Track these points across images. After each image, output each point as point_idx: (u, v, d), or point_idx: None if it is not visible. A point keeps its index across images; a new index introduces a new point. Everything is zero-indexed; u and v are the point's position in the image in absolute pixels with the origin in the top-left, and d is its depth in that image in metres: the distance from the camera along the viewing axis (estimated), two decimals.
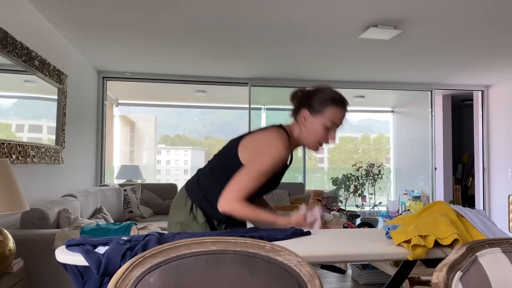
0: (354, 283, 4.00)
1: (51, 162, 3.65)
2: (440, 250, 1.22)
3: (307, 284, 0.84)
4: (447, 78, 6.04)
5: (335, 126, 1.63)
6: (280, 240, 1.34)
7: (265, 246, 0.86)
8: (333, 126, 1.62)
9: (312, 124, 1.63)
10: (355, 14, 3.46)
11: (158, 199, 5.51)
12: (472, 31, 3.86)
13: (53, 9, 3.35)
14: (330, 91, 1.65)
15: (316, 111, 1.62)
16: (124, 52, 4.64)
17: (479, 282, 0.93)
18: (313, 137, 1.63)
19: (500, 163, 6.31)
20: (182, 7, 3.31)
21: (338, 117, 1.62)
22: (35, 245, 2.61)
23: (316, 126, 1.62)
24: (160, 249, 0.83)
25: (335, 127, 1.64)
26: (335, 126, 1.63)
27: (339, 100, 1.64)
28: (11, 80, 3.00)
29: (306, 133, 1.64)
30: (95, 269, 1.06)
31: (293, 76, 5.81)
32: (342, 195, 7.55)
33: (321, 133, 1.62)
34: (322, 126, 1.61)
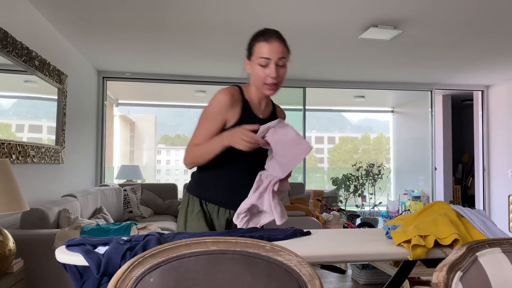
0: (354, 283, 4.00)
1: (51, 162, 3.65)
2: (440, 250, 1.22)
3: (307, 284, 0.84)
4: (447, 78, 6.04)
5: (268, 61, 1.55)
6: (280, 240, 1.34)
7: (265, 246, 0.86)
8: (265, 61, 1.55)
9: (252, 69, 1.60)
10: (355, 14, 3.46)
11: (158, 199, 5.51)
12: (472, 31, 3.86)
13: (53, 9, 3.35)
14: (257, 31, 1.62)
15: (250, 55, 1.61)
16: (124, 52, 4.65)
17: (479, 282, 0.93)
18: (257, 80, 1.59)
19: (500, 163, 6.31)
20: (182, 7, 3.31)
21: (265, 50, 1.55)
22: (35, 245, 2.61)
23: (254, 69, 1.59)
24: (160, 249, 0.83)
25: (269, 62, 1.55)
26: (268, 61, 1.55)
27: (262, 32, 1.60)
28: (11, 80, 3.00)
29: (252, 79, 1.62)
30: (95, 269, 1.06)
31: (293, 76, 5.81)
32: (342, 195, 7.55)
33: (259, 74, 1.57)
34: (257, 67, 1.57)
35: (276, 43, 1.56)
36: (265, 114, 1.69)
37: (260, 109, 1.68)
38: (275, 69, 1.55)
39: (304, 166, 6.49)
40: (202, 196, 1.64)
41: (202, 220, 1.60)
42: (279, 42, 1.57)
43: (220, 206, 1.64)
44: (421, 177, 7.25)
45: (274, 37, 1.57)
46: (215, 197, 1.63)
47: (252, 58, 1.60)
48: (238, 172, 1.63)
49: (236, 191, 1.61)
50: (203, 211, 1.63)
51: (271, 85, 1.58)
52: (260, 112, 1.67)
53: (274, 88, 1.60)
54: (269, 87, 1.58)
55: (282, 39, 1.60)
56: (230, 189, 1.63)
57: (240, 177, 1.63)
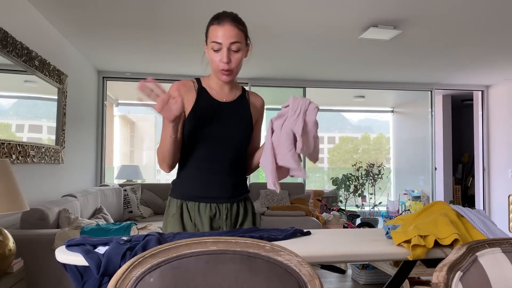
0: (354, 283, 4.00)
1: (51, 162, 3.65)
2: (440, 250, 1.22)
3: (307, 284, 0.84)
4: (447, 78, 6.04)
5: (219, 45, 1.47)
6: (280, 240, 1.34)
7: (265, 246, 0.86)
8: (217, 46, 1.47)
9: (208, 53, 1.53)
10: (355, 14, 3.46)
11: (158, 199, 5.51)
12: (472, 31, 3.86)
13: (53, 9, 3.35)
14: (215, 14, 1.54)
15: (206, 41, 1.54)
16: (124, 52, 4.65)
17: (479, 282, 0.93)
18: (212, 66, 1.53)
19: (500, 163, 6.31)
20: (182, 7, 3.31)
21: (216, 34, 1.47)
22: (35, 245, 2.61)
23: (209, 54, 1.52)
24: (160, 249, 0.83)
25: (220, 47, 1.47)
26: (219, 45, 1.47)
27: (216, 15, 1.52)
28: (11, 80, 3.01)
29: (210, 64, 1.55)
30: (95, 269, 1.06)
31: (293, 76, 5.81)
32: (342, 195, 7.56)
33: (213, 59, 1.51)
34: (210, 52, 1.50)
35: (229, 26, 1.48)
36: (230, 98, 1.62)
37: (222, 94, 1.61)
38: (227, 54, 1.47)
39: (304, 166, 6.49)
40: (180, 196, 1.60)
41: (178, 222, 1.56)
42: (232, 26, 1.48)
43: (200, 202, 1.56)
44: (421, 177, 7.25)
45: (228, 20, 1.49)
46: (192, 192, 1.57)
47: (208, 43, 1.52)
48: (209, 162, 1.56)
49: (211, 182, 1.56)
50: (181, 213, 1.57)
51: (224, 71, 1.50)
52: (223, 97, 1.60)
53: (228, 74, 1.51)
54: (223, 72, 1.50)
55: (236, 21, 1.51)
56: (205, 180, 1.56)
57: (212, 167, 1.56)
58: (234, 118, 1.59)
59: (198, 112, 1.54)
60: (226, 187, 1.57)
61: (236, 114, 1.60)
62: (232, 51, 1.48)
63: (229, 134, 1.56)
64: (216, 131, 1.55)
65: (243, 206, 1.62)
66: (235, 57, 1.49)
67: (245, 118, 1.62)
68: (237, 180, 1.61)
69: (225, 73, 1.50)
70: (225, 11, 1.54)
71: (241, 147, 1.61)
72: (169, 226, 1.58)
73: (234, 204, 1.59)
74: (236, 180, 1.60)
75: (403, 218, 1.55)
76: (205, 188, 1.56)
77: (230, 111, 1.60)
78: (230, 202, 1.58)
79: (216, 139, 1.54)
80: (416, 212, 1.53)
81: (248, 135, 1.62)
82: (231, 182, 1.58)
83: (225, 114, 1.58)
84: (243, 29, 1.52)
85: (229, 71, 1.50)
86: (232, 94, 1.63)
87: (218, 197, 1.56)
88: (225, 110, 1.58)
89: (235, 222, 1.59)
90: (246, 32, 1.55)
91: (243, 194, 1.63)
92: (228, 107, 1.60)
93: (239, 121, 1.60)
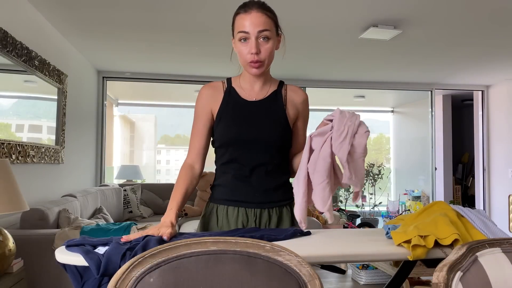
0: (354, 283, 4.00)
1: (51, 162, 3.65)
2: (440, 250, 1.22)
3: (307, 284, 0.84)
4: (447, 78, 6.04)
5: (247, 35, 1.37)
6: (280, 240, 1.34)
7: (265, 246, 0.86)
8: (245, 35, 1.38)
9: (235, 47, 1.44)
10: (355, 14, 3.46)
11: (158, 199, 5.51)
12: (472, 31, 3.86)
13: (53, 9, 3.35)
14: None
15: (233, 33, 1.44)
16: (124, 52, 4.64)
17: (479, 282, 0.93)
18: (240, 58, 1.42)
19: (500, 163, 6.31)
20: (182, 7, 3.31)
21: (243, 23, 1.37)
22: (35, 245, 2.61)
23: (237, 47, 1.42)
24: (160, 249, 0.83)
25: (248, 36, 1.37)
26: (247, 35, 1.37)
27: (240, 7, 1.41)
28: (11, 80, 3.00)
29: (238, 58, 1.45)
30: (95, 270, 1.06)
31: (293, 76, 5.81)
32: (342, 195, 7.55)
33: (241, 51, 1.40)
34: (238, 43, 1.40)
35: (256, 13, 1.36)
36: (261, 95, 1.50)
37: (252, 92, 1.50)
38: (255, 43, 1.36)
39: None
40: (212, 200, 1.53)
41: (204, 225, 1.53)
42: (260, 13, 1.37)
43: (228, 206, 1.48)
44: (421, 177, 7.25)
45: (255, 7, 1.37)
46: (221, 196, 1.50)
47: (235, 35, 1.42)
48: (238, 166, 1.47)
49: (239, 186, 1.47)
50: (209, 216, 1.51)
51: (254, 63, 1.39)
52: (253, 95, 1.50)
53: (259, 66, 1.40)
54: (252, 65, 1.39)
55: (264, 8, 1.39)
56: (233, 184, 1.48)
57: (240, 171, 1.47)
58: (264, 118, 1.47)
59: (225, 114, 1.47)
60: (256, 192, 1.47)
61: (267, 113, 1.48)
62: (261, 41, 1.38)
63: (259, 135, 1.45)
64: (244, 133, 1.45)
65: (277, 214, 1.49)
66: (265, 47, 1.38)
67: (278, 117, 1.49)
68: (271, 185, 1.48)
69: (255, 65, 1.39)
70: (245, 2, 1.42)
71: (275, 149, 1.48)
72: (198, 229, 1.56)
73: (265, 211, 1.48)
74: (269, 185, 1.48)
75: (403, 218, 1.55)
76: (233, 192, 1.47)
77: (260, 111, 1.48)
78: (260, 208, 1.47)
79: (244, 142, 1.45)
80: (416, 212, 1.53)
81: (282, 136, 1.48)
82: (262, 187, 1.47)
83: (254, 114, 1.47)
84: (272, 17, 1.41)
85: (259, 62, 1.39)
86: (264, 91, 1.51)
87: (245, 201, 1.47)
88: (254, 110, 1.48)
89: None
90: (276, 20, 1.44)
91: (278, 202, 1.50)
92: (258, 106, 1.49)
93: (270, 120, 1.47)
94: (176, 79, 5.83)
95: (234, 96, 1.50)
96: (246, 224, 1.47)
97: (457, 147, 8.10)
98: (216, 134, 1.50)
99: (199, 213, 5.17)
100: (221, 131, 1.48)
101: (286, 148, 1.53)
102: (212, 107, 1.50)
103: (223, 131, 1.48)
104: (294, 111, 1.53)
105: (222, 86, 1.53)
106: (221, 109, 1.48)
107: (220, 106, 1.49)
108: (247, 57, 1.39)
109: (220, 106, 1.49)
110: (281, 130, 1.48)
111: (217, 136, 1.50)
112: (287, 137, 1.50)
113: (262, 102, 1.50)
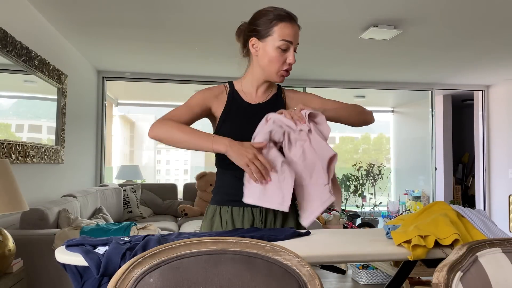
0: (354, 283, 4.00)
1: (50, 162, 3.64)
2: (440, 250, 1.22)
3: (307, 284, 0.84)
4: (447, 78, 6.04)
5: (289, 45, 1.43)
6: (280, 240, 1.34)
7: (265, 246, 0.86)
8: (287, 45, 1.43)
9: (264, 51, 1.45)
10: (355, 14, 3.46)
11: (158, 199, 5.51)
12: (472, 31, 3.86)
13: (53, 9, 3.35)
14: (273, 9, 1.46)
15: (264, 35, 1.44)
16: (124, 52, 4.65)
17: (479, 282, 0.92)
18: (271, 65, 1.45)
19: (500, 163, 6.31)
20: (182, 7, 3.31)
21: (289, 33, 1.43)
22: (35, 245, 2.61)
23: (268, 52, 1.44)
24: (160, 249, 0.83)
25: (290, 46, 1.44)
26: (289, 45, 1.43)
27: (285, 15, 1.46)
28: (11, 80, 3.00)
29: (262, 62, 1.46)
30: (95, 269, 1.06)
31: (293, 76, 5.81)
32: (342, 195, 7.55)
33: (276, 58, 1.43)
34: (276, 50, 1.43)
35: (296, 26, 1.47)
36: (263, 98, 1.55)
37: (255, 95, 1.55)
38: (293, 55, 1.44)
39: None
40: (214, 202, 1.53)
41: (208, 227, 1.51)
42: (298, 26, 1.48)
43: (233, 206, 1.48)
44: (421, 177, 7.25)
45: (295, 20, 1.48)
46: (224, 197, 1.50)
47: (269, 40, 1.43)
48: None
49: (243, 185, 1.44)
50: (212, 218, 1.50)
51: (286, 72, 1.47)
52: (256, 99, 1.54)
53: (287, 75, 1.48)
54: (285, 73, 1.47)
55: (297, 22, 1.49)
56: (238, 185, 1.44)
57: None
58: None
59: (229, 116, 1.50)
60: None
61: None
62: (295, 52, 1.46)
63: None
64: (247, 134, 1.45)
65: (282, 213, 1.51)
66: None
67: None
68: None
69: (287, 74, 1.47)
70: (287, 10, 1.49)
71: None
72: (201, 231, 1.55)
73: (271, 210, 1.49)
74: None
75: (403, 218, 1.55)
76: (238, 192, 1.45)
77: (264, 112, 1.48)
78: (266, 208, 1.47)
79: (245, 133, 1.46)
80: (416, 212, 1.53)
81: None
82: None
83: (258, 116, 1.48)
84: None
85: (288, 72, 1.48)
86: (266, 95, 1.56)
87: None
88: (257, 112, 1.49)
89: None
90: None
91: None
92: (261, 109, 1.51)
93: None
94: (176, 79, 5.83)
95: (237, 99, 1.54)
96: (252, 224, 1.49)
97: (457, 147, 8.10)
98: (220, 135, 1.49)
99: (199, 213, 5.17)
100: (225, 133, 1.48)
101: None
102: (214, 106, 1.52)
103: (226, 132, 1.48)
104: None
105: (225, 89, 1.56)
106: (225, 111, 1.51)
107: (224, 108, 1.51)
108: (283, 66, 1.45)
109: (224, 108, 1.51)
110: None
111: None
112: None
113: (265, 104, 1.54)
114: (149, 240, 1.16)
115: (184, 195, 5.76)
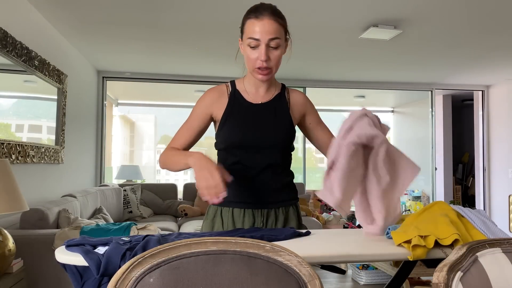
0: (354, 283, 4.00)
1: (50, 162, 3.64)
2: (440, 250, 1.22)
3: (307, 284, 0.84)
4: (447, 78, 6.04)
5: (257, 42, 1.36)
6: (280, 240, 1.34)
7: (265, 246, 0.86)
8: (255, 42, 1.36)
9: (243, 50, 1.42)
10: (355, 14, 3.46)
11: (158, 199, 5.51)
12: (472, 31, 3.86)
13: (53, 9, 3.35)
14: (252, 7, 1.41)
15: (242, 35, 1.42)
16: (124, 52, 4.64)
17: (479, 282, 0.92)
18: (248, 63, 1.42)
19: (500, 163, 6.31)
20: (182, 7, 3.31)
21: (255, 30, 1.35)
22: (35, 245, 2.61)
23: (245, 51, 1.41)
24: (160, 249, 0.83)
25: (258, 43, 1.36)
26: (257, 42, 1.36)
27: (255, 8, 1.38)
28: (11, 80, 3.00)
29: (246, 62, 1.43)
30: (95, 269, 1.06)
31: (293, 76, 5.81)
32: None
33: (249, 56, 1.39)
34: (247, 48, 1.39)
35: (268, 20, 1.35)
36: (266, 98, 1.51)
37: (257, 95, 1.51)
38: (265, 51, 1.35)
39: (304, 166, 6.49)
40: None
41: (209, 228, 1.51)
42: (272, 20, 1.35)
43: (234, 208, 1.47)
44: (421, 177, 7.25)
45: (267, 14, 1.36)
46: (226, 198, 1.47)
47: (244, 38, 1.40)
48: (244, 168, 1.46)
49: (245, 187, 1.45)
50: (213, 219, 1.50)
51: (262, 70, 1.39)
52: (259, 98, 1.51)
53: (267, 73, 1.40)
54: (260, 71, 1.39)
55: (276, 15, 1.38)
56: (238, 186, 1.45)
57: (247, 172, 1.46)
58: (270, 120, 1.48)
59: (230, 117, 1.47)
60: (262, 192, 1.47)
61: (272, 115, 1.49)
62: (271, 48, 1.37)
63: (265, 137, 1.45)
64: (250, 135, 1.45)
65: (283, 213, 1.51)
66: (274, 54, 1.38)
67: (283, 118, 1.50)
68: (277, 186, 1.50)
69: (263, 72, 1.40)
70: (263, 3, 1.40)
71: (281, 151, 1.49)
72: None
73: (272, 211, 1.49)
74: (275, 186, 1.49)
75: (403, 218, 1.55)
76: (239, 194, 1.46)
77: (265, 113, 1.48)
78: (268, 209, 1.48)
79: (250, 143, 1.45)
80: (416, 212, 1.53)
81: (288, 137, 1.50)
82: (269, 188, 1.48)
83: (260, 117, 1.48)
84: (283, 23, 1.41)
85: (267, 69, 1.40)
86: (269, 94, 1.52)
87: (253, 202, 1.47)
88: (259, 113, 1.48)
89: None
90: (286, 26, 1.44)
91: (285, 201, 1.52)
92: (263, 109, 1.49)
93: (276, 122, 1.48)
94: (176, 79, 5.83)
95: (239, 99, 1.50)
96: (253, 225, 1.48)
97: (457, 147, 8.10)
98: (221, 137, 1.50)
99: (199, 213, 5.17)
100: (226, 134, 1.48)
101: (290, 149, 1.56)
102: (214, 111, 1.51)
103: (228, 133, 1.47)
104: (298, 112, 1.56)
105: (227, 89, 1.53)
106: (226, 112, 1.48)
107: (226, 109, 1.49)
108: (256, 63, 1.39)
109: (226, 109, 1.49)
110: (287, 132, 1.50)
111: (221, 139, 1.50)
112: (292, 138, 1.53)
113: (268, 104, 1.51)
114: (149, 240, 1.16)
115: (184, 195, 5.76)
